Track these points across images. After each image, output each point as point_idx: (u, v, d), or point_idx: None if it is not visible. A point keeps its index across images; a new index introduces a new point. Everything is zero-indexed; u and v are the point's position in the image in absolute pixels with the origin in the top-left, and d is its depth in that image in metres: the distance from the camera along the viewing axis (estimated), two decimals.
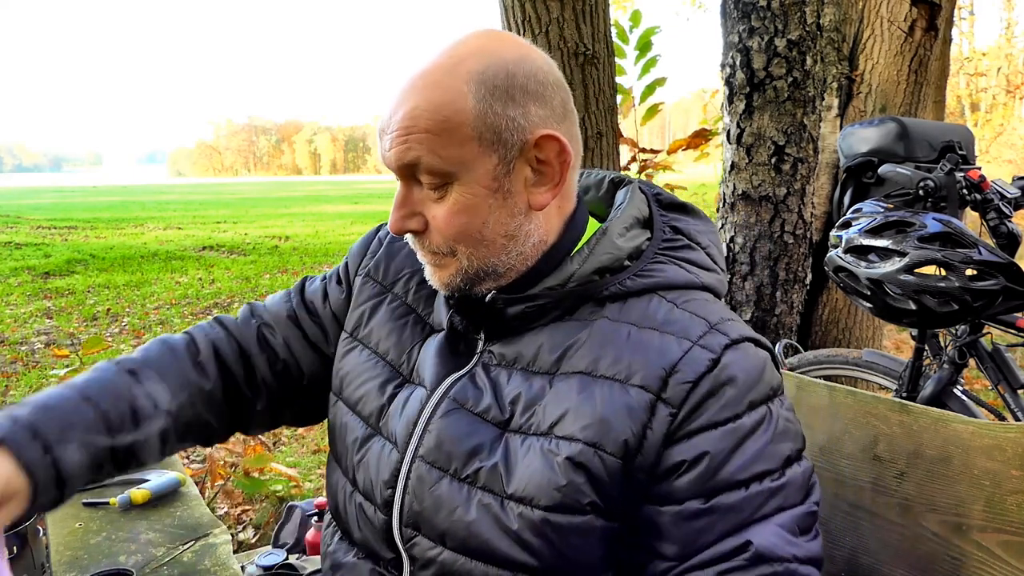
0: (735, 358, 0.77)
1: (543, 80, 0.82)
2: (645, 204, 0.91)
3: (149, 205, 24.75)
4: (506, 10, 2.37)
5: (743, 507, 0.74)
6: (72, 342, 5.36)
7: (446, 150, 0.78)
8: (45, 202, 26.55)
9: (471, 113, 0.77)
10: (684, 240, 0.88)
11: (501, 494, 0.79)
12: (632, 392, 0.77)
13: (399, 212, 0.83)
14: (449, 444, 0.83)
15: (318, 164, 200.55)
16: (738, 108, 2.56)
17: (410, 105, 0.78)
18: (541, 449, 0.78)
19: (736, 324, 0.81)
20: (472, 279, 0.84)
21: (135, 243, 12.16)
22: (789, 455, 0.78)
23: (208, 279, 8.65)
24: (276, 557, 1.46)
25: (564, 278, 0.84)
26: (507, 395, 0.83)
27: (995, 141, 16.17)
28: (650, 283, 0.83)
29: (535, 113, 0.80)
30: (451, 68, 0.78)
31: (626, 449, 0.76)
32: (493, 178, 0.80)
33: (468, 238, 0.81)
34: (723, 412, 0.75)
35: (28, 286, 8.04)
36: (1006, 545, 0.84)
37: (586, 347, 0.81)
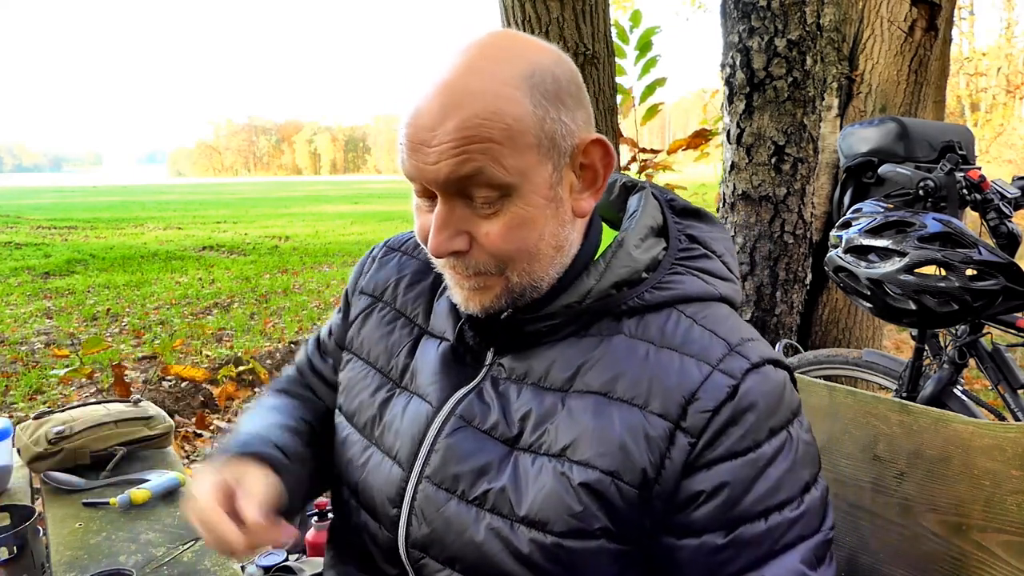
0: (755, 383, 0.75)
1: (579, 83, 0.79)
2: (659, 211, 0.87)
3: (149, 205, 24.76)
4: (506, 10, 2.37)
5: (763, 540, 0.73)
6: (72, 342, 5.36)
7: (510, 160, 0.72)
8: (45, 202, 26.56)
9: (531, 120, 0.73)
10: (700, 249, 0.85)
11: (511, 517, 0.76)
12: (651, 419, 0.74)
13: (443, 232, 0.75)
14: (456, 464, 0.80)
15: (318, 164, 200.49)
16: (738, 108, 2.56)
17: (465, 113, 0.71)
18: (554, 471, 0.75)
19: (756, 344, 0.79)
20: (516, 298, 0.80)
21: (135, 243, 12.17)
22: (807, 481, 0.76)
23: (208, 279, 8.65)
24: (276, 557, 1.46)
25: (582, 294, 0.80)
26: (516, 411, 0.80)
27: (995, 141, 16.17)
28: (669, 296, 0.80)
29: (580, 117, 0.78)
30: (495, 73, 0.73)
31: (644, 478, 0.74)
32: (549, 187, 0.76)
33: (523, 253, 0.77)
34: (743, 441, 0.73)
35: (28, 286, 8.04)
36: (1006, 545, 0.84)
37: (602, 365, 0.78)
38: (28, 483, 1.56)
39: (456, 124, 0.71)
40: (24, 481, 1.56)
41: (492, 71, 0.73)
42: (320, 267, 9.71)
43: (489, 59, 0.74)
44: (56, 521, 1.36)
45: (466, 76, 0.73)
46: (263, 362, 4.55)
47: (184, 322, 6.25)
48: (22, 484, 1.54)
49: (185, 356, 5.09)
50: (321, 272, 9.23)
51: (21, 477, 1.56)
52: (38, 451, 1.52)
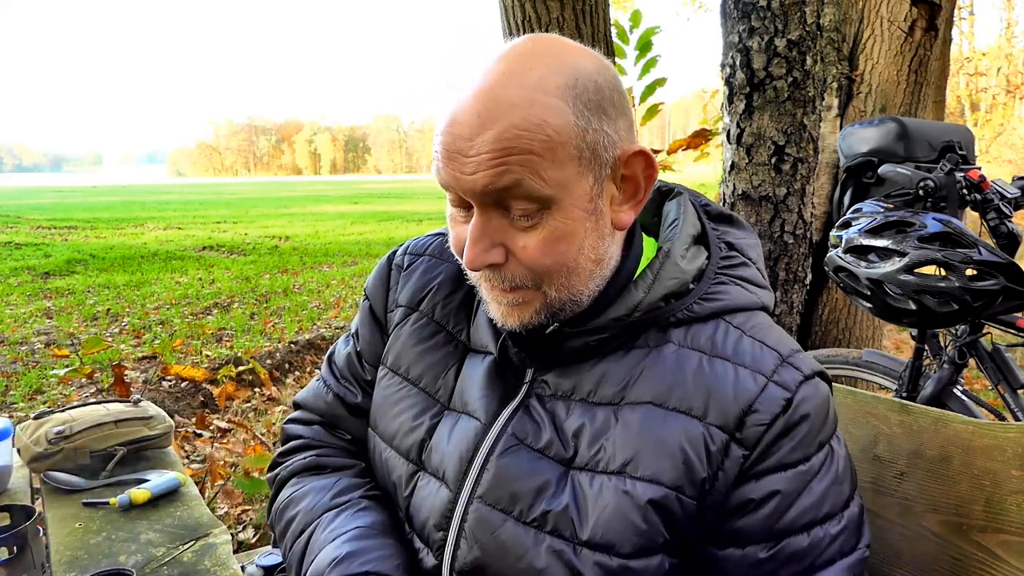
0: (808, 395, 0.74)
1: (622, 91, 0.76)
2: (696, 218, 0.86)
3: (149, 205, 24.76)
4: (506, 10, 2.37)
5: (805, 555, 0.73)
6: (72, 342, 5.36)
7: (550, 172, 0.70)
8: (45, 202, 26.56)
9: (573, 131, 0.70)
10: (739, 257, 0.84)
11: (573, 539, 0.74)
12: (711, 430, 0.73)
13: (479, 244, 0.73)
14: (512, 484, 0.77)
15: (318, 164, 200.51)
16: (738, 108, 2.55)
17: (505, 123, 0.69)
18: (615, 490, 0.73)
19: (806, 357, 0.78)
20: (554, 312, 0.78)
21: (135, 243, 12.17)
22: (848, 496, 0.77)
23: (208, 279, 8.65)
24: (276, 557, 1.46)
25: (630, 307, 0.78)
26: (568, 429, 0.78)
27: (995, 141, 16.17)
28: (717, 307, 0.79)
29: (622, 126, 0.75)
30: (538, 82, 0.70)
31: (702, 489, 0.73)
32: (589, 199, 0.74)
33: (562, 267, 0.75)
34: (795, 453, 0.73)
35: (28, 286, 8.03)
36: (1006, 545, 0.84)
37: (653, 375, 0.77)
38: (28, 483, 1.56)
39: (495, 134, 0.69)
40: (24, 481, 1.56)
41: (533, 79, 0.70)
42: (320, 267, 9.71)
43: (530, 66, 0.71)
44: (56, 521, 1.36)
45: (506, 84, 0.70)
46: (263, 362, 4.55)
47: (184, 322, 6.25)
48: (22, 484, 1.54)
49: (185, 356, 5.09)
50: (321, 272, 9.23)
51: (21, 477, 1.56)
52: (38, 451, 1.52)
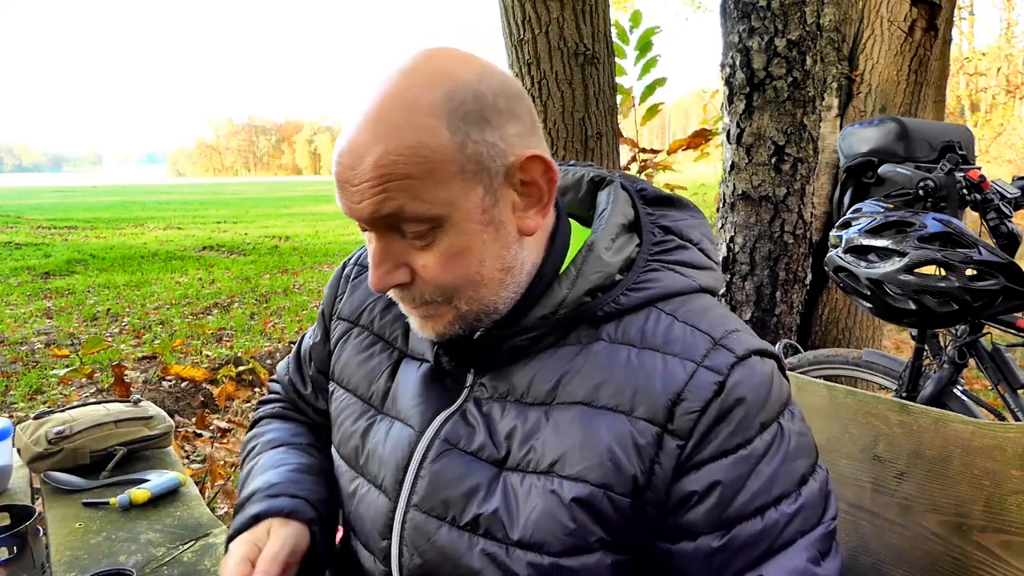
0: (742, 377, 0.72)
1: (511, 94, 0.74)
2: (630, 204, 0.84)
3: (149, 205, 24.76)
4: (506, 10, 2.37)
5: (760, 539, 0.71)
6: (72, 342, 5.36)
7: (430, 193, 0.70)
8: (45, 202, 26.57)
9: (449, 147, 0.69)
10: (676, 240, 0.82)
11: (506, 541, 0.74)
12: (638, 425, 0.72)
13: (381, 267, 0.74)
14: (444, 489, 0.77)
15: (318, 164, 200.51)
16: (738, 108, 2.56)
17: (380, 150, 0.69)
18: (544, 490, 0.73)
19: (741, 336, 0.76)
20: (470, 323, 0.78)
21: (135, 243, 12.17)
22: (804, 473, 0.74)
23: (208, 279, 8.65)
24: None
25: (555, 305, 0.77)
26: (501, 430, 0.77)
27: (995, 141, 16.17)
28: (645, 296, 0.78)
29: (512, 132, 0.73)
30: (413, 102, 0.69)
31: (635, 487, 0.72)
32: (483, 211, 0.73)
33: (466, 281, 0.75)
34: (733, 438, 0.71)
35: (28, 286, 8.04)
36: (1006, 545, 0.84)
37: (584, 374, 0.76)
38: (28, 483, 1.56)
39: (372, 162, 0.69)
40: (24, 481, 1.56)
41: (408, 102, 0.70)
42: (320, 267, 9.71)
43: (407, 87, 0.71)
44: (56, 521, 1.36)
45: (382, 109, 0.70)
46: (263, 362, 4.55)
47: (184, 322, 6.25)
48: (22, 484, 1.54)
49: (185, 356, 5.09)
50: (321, 272, 9.23)
51: (21, 477, 1.56)
52: (38, 451, 1.52)
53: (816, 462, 0.77)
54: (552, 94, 2.35)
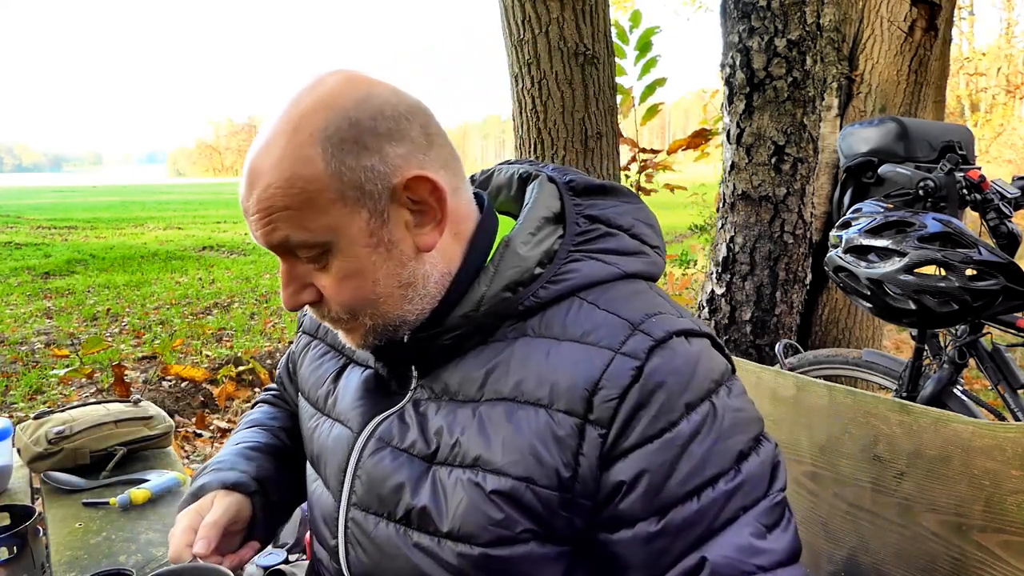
0: (662, 360, 0.72)
1: (392, 115, 0.75)
2: (556, 197, 0.84)
3: (149, 205, 24.76)
4: (506, 10, 2.38)
5: (698, 521, 0.70)
6: (72, 342, 5.36)
7: (312, 222, 0.73)
8: (45, 202, 26.57)
9: (325, 177, 0.72)
10: (602, 228, 0.82)
11: (437, 533, 0.76)
12: (557, 418, 0.72)
13: (288, 288, 0.78)
14: (378, 486, 0.80)
15: None
16: (738, 108, 2.55)
17: (263, 183, 0.72)
18: (469, 482, 0.74)
19: (664, 318, 0.75)
20: (384, 334, 0.80)
21: (135, 243, 12.17)
22: (742, 450, 0.73)
23: (208, 279, 8.65)
24: (276, 557, 1.46)
25: (475, 302, 0.78)
26: (432, 427, 0.79)
27: (995, 141, 16.17)
28: (566, 288, 0.78)
29: (394, 154, 0.74)
30: (292, 135, 0.72)
31: (560, 480, 0.72)
32: (370, 234, 0.74)
33: (364, 300, 0.77)
34: (657, 423, 0.70)
35: (28, 286, 8.04)
36: (1006, 545, 0.84)
37: (509, 369, 0.76)
38: (28, 483, 1.56)
39: (257, 195, 0.73)
40: (24, 481, 1.56)
41: (289, 133, 0.73)
42: None
43: (291, 120, 0.73)
44: (56, 521, 1.36)
45: (268, 143, 0.73)
46: (263, 362, 4.55)
47: (184, 322, 6.25)
48: (22, 484, 1.54)
49: (185, 356, 5.09)
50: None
51: (21, 477, 1.56)
52: (38, 451, 1.52)
53: (758, 435, 0.76)
54: (552, 94, 2.35)
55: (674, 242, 9.62)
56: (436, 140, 0.78)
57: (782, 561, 0.71)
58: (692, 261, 6.79)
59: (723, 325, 2.66)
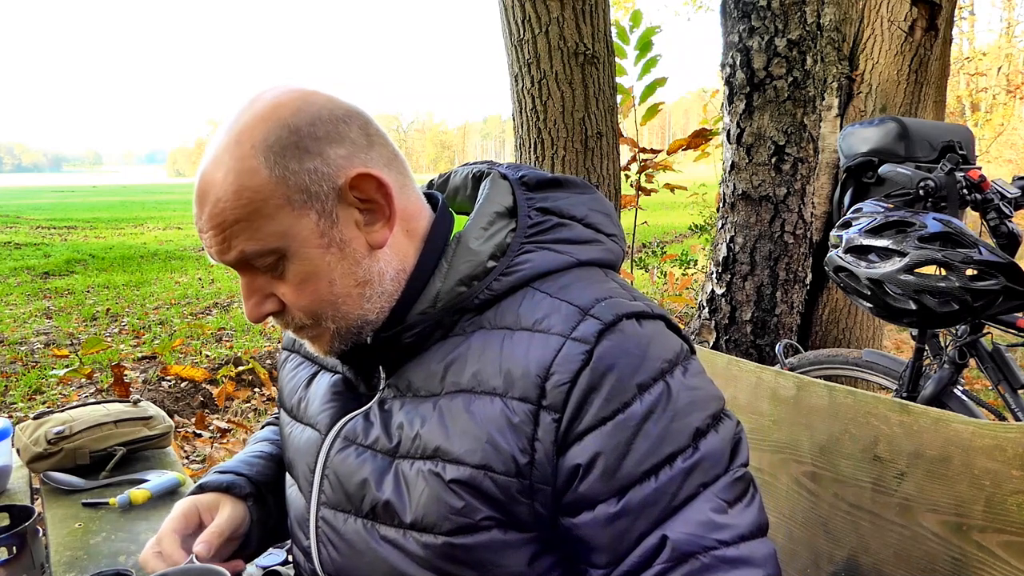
0: (612, 343, 0.72)
1: (328, 118, 0.77)
2: (508, 192, 0.86)
3: (149, 205, 24.76)
4: (506, 10, 2.38)
5: (657, 500, 0.70)
6: (72, 342, 5.36)
7: (262, 230, 0.75)
8: (45, 202, 26.57)
9: (270, 184, 0.74)
10: (554, 219, 0.84)
11: (401, 525, 0.77)
12: (512, 405, 0.73)
13: (250, 301, 0.80)
14: (345, 483, 0.81)
15: None
16: (738, 108, 2.55)
17: (212, 199, 0.74)
18: (429, 473, 0.76)
19: (614, 302, 0.76)
20: (348, 337, 0.82)
21: (135, 243, 12.17)
22: (699, 427, 0.73)
23: (208, 279, 8.65)
24: (276, 557, 1.46)
25: (432, 298, 0.80)
26: (395, 423, 0.80)
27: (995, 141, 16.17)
28: (519, 278, 0.79)
29: (335, 155, 0.76)
30: (234, 149, 0.75)
31: (517, 466, 0.73)
32: (320, 235, 0.76)
33: (323, 303, 0.79)
34: (609, 405, 0.71)
35: (28, 286, 8.04)
36: (1006, 545, 0.83)
37: (467, 361, 0.78)
38: (28, 483, 1.56)
39: (208, 214, 0.75)
40: (24, 481, 1.56)
41: (231, 147, 0.75)
42: None
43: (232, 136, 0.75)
44: (56, 521, 1.36)
45: (210, 161, 0.76)
46: (263, 362, 4.55)
47: (184, 322, 6.25)
48: (22, 484, 1.54)
49: (185, 356, 5.09)
50: None
51: (21, 477, 1.56)
52: (38, 451, 1.52)
53: (718, 413, 0.76)
54: (552, 94, 2.35)
55: (674, 242, 9.62)
56: (376, 140, 0.80)
57: (744, 535, 0.71)
58: (692, 261, 6.79)
59: (723, 325, 2.66)
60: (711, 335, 2.70)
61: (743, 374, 1.20)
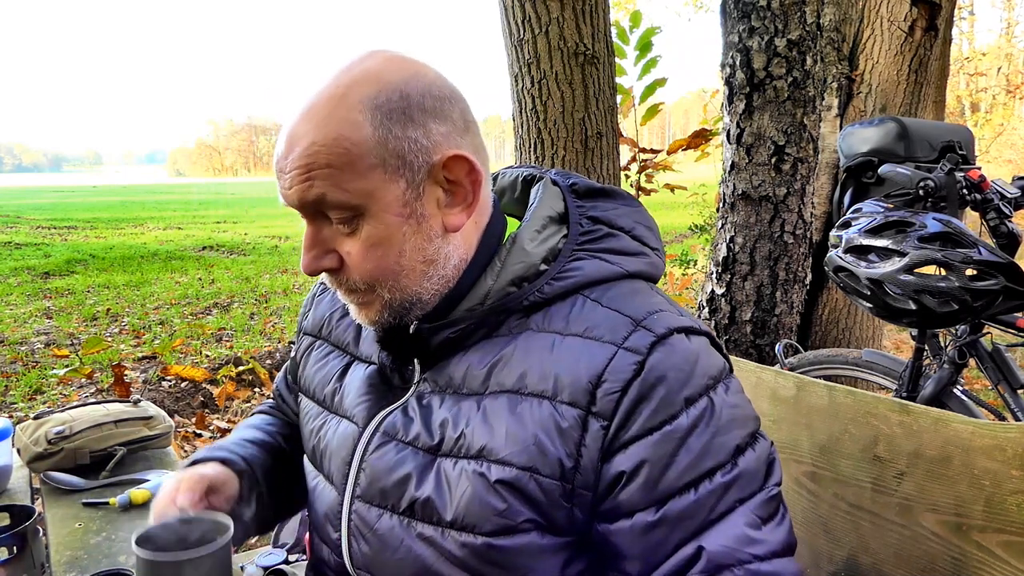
0: (663, 355, 0.73)
1: (438, 95, 0.78)
2: (559, 198, 0.87)
3: (149, 205, 24.77)
4: (506, 10, 2.37)
5: (696, 512, 0.71)
6: (72, 342, 5.36)
7: (351, 183, 0.74)
8: (45, 202, 26.57)
9: (371, 141, 0.74)
10: (604, 229, 0.85)
11: (440, 524, 0.77)
12: (561, 409, 0.74)
13: (311, 252, 0.79)
14: (382, 479, 0.81)
15: None
16: (738, 108, 2.56)
17: (307, 141, 0.74)
18: (473, 473, 0.76)
19: (665, 316, 0.77)
20: (399, 311, 0.81)
21: (135, 243, 12.17)
22: (739, 444, 0.74)
23: (208, 279, 8.65)
24: (276, 557, 1.46)
25: (482, 296, 0.81)
26: (436, 420, 0.80)
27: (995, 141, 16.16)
28: (570, 284, 0.80)
29: (436, 131, 0.77)
30: (341, 98, 0.75)
31: (563, 470, 0.74)
32: (403, 204, 0.77)
33: (386, 271, 0.78)
34: (657, 416, 0.72)
35: (28, 286, 8.04)
36: (1006, 545, 0.84)
37: (513, 362, 0.78)
38: (28, 483, 1.56)
39: (300, 152, 0.74)
40: (24, 481, 1.56)
41: (338, 97, 0.75)
42: None
43: (340, 85, 0.76)
44: (56, 521, 1.36)
45: (315, 105, 0.76)
46: (263, 362, 4.55)
47: (184, 322, 6.25)
48: (22, 484, 1.54)
49: (185, 356, 5.09)
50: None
51: (21, 477, 1.56)
52: (38, 451, 1.52)
53: (755, 432, 0.77)
54: (552, 94, 2.35)
55: (674, 242, 9.62)
56: (471, 128, 0.81)
57: (777, 552, 0.72)
58: (692, 261, 6.79)
59: (723, 325, 2.66)
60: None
61: (743, 374, 1.20)
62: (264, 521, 1.01)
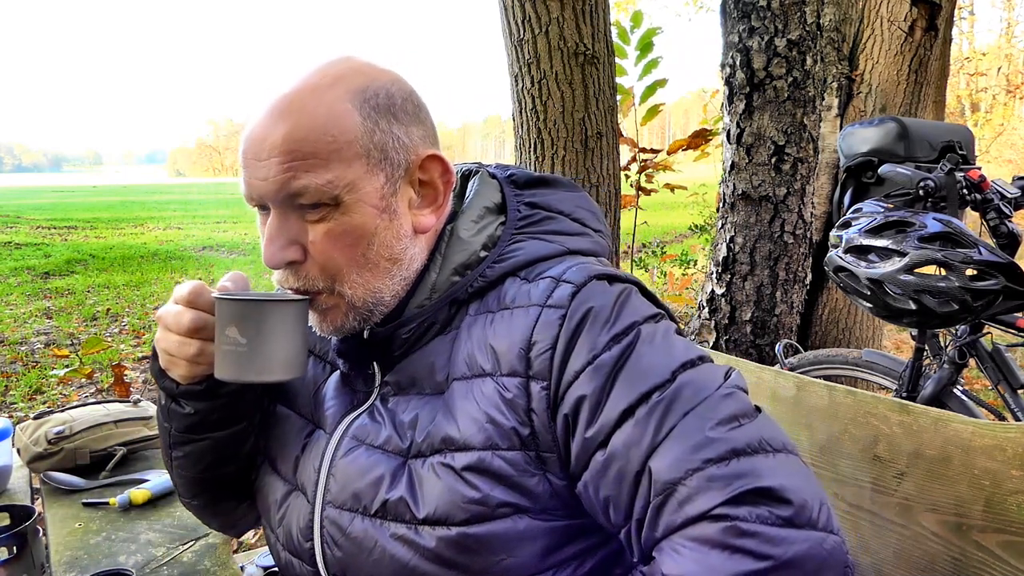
0: (583, 299, 0.74)
1: (417, 103, 0.81)
2: (497, 190, 0.88)
3: (149, 205, 24.76)
4: (506, 10, 2.37)
5: (640, 438, 0.67)
6: (72, 342, 5.36)
7: (336, 171, 0.74)
8: (45, 202, 26.56)
9: (358, 130, 0.75)
10: (543, 213, 0.85)
11: (413, 521, 0.76)
12: (503, 381, 0.75)
13: (276, 243, 0.76)
14: (353, 483, 0.80)
15: None
16: (738, 108, 2.56)
17: (290, 127, 0.73)
18: (440, 466, 0.76)
19: (585, 266, 0.77)
20: (362, 314, 0.80)
21: (135, 243, 12.17)
22: (682, 363, 0.71)
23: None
24: None
25: (428, 290, 0.82)
26: (404, 422, 0.80)
27: (995, 141, 16.15)
28: (511, 265, 0.81)
29: (415, 133, 0.80)
30: (329, 87, 0.75)
31: (521, 439, 0.74)
32: (380, 197, 0.77)
33: (351, 262, 0.77)
34: (585, 354, 0.71)
35: (28, 286, 8.04)
36: (1006, 545, 0.84)
37: (461, 351, 0.79)
38: (28, 483, 1.56)
39: (283, 136, 0.73)
40: (24, 481, 1.56)
41: (325, 85, 0.75)
42: None
43: (326, 76, 0.76)
44: (56, 521, 1.36)
45: (297, 92, 0.75)
46: None
47: None
48: (22, 484, 1.54)
49: None
50: None
51: (21, 477, 1.56)
52: (38, 451, 1.52)
53: (701, 356, 0.74)
54: (552, 94, 2.35)
55: (674, 242, 9.61)
56: (439, 140, 0.85)
57: (740, 450, 0.65)
58: (692, 261, 6.79)
59: (723, 325, 2.66)
60: (711, 335, 2.70)
61: (743, 374, 1.20)
62: (238, 438, 0.94)
